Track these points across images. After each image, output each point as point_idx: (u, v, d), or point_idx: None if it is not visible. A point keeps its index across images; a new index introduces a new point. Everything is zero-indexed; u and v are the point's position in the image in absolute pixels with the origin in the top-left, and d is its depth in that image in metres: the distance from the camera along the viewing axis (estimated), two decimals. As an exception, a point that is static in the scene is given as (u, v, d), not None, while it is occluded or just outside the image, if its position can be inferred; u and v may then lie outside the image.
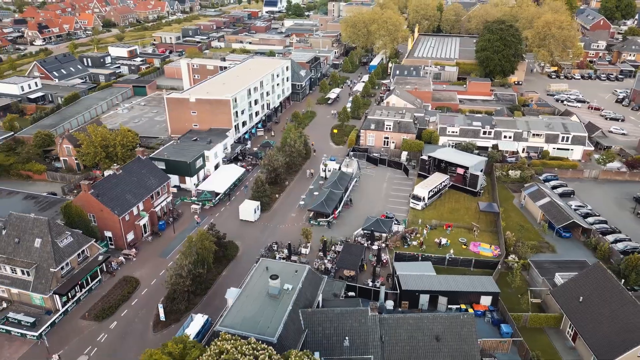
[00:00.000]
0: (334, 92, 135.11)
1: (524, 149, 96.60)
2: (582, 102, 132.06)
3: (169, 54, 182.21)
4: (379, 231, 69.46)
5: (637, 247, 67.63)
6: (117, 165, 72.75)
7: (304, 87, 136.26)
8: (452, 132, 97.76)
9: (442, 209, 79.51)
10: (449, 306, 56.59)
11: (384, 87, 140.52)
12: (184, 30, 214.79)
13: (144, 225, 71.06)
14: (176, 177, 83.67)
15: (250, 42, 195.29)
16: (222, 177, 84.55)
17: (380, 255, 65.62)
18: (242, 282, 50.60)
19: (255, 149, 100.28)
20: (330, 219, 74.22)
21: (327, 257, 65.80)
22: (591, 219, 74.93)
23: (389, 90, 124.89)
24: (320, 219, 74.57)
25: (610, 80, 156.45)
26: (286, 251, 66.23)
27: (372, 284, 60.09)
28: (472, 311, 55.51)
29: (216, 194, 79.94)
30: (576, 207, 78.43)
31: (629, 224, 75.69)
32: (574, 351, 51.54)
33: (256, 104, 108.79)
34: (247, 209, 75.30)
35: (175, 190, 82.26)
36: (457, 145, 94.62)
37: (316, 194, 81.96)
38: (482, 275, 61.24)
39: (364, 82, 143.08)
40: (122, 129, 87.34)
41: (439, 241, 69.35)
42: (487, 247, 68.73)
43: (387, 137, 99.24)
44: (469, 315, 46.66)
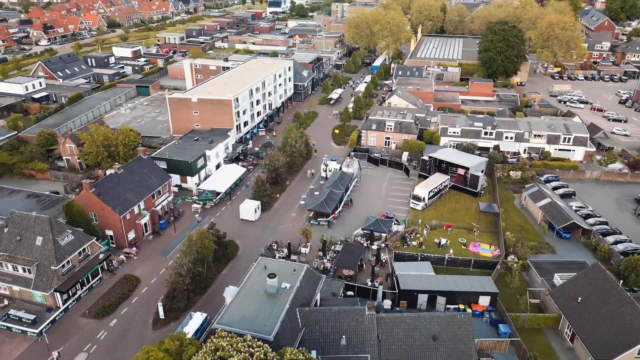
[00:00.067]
0: (336, 93, 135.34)
1: (525, 150, 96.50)
2: (585, 103, 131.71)
3: (173, 55, 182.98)
4: (379, 231, 69.60)
5: (637, 248, 67.48)
6: (118, 164, 73.17)
7: (306, 88, 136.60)
8: (454, 133, 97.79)
9: (442, 209, 79.56)
10: (448, 306, 56.69)
11: (386, 88, 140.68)
12: (188, 30, 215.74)
13: (145, 224, 71.49)
14: (177, 177, 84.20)
15: (253, 43, 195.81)
16: (223, 177, 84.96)
17: (379, 255, 65.78)
18: (241, 281, 50.86)
19: (256, 149, 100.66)
20: (330, 218, 74.44)
21: (327, 257, 66.01)
22: (592, 220, 74.83)
23: (391, 90, 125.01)
24: (320, 219, 74.79)
25: (613, 81, 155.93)
26: (286, 250, 66.50)
27: (370, 283, 60.25)
28: (470, 311, 55.64)
29: (217, 193, 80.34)
30: (577, 208, 78.30)
31: (629, 225, 75.51)
32: (572, 352, 51.52)
33: (258, 104, 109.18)
34: (247, 209, 75.62)
35: (176, 189, 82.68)
36: (458, 145, 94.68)
37: (317, 193, 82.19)
38: (481, 275, 61.29)
39: (366, 82, 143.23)
40: (124, 129, 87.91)
41: (439, 241, 69.42)
42: (487, 247, 68.74)
43: (388, 138, 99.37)
44: (466, 314, 46.73)
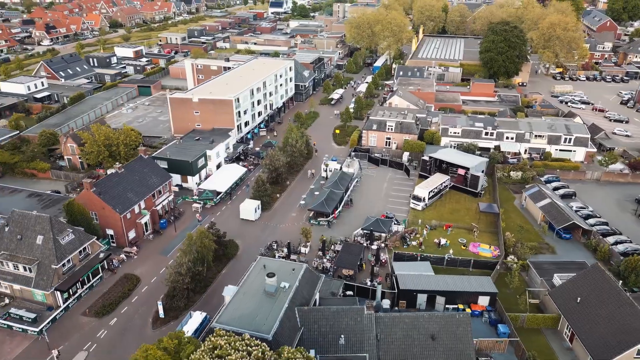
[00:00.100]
0: (337, 93, 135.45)
1: (526, 150, 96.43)
2: (587, 103, 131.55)
3: (175, 55, 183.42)
4: (379, 231, 69.67)
5: (637, 248, 67.38)
6: (119, 164, 73.44)
7: (308, 88, 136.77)
8: (454, 133, 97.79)
9: (442, 209, 79.59)
10: (447, 306, 56.73)
11: (387, 88, 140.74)
12: (190, 31, 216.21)
13: (146, 223, 71.73)
14: (178, 176, 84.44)
15: (255, 43, 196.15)
16: (223, 177, 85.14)
17: (379, 255, 65.85)
18: (240, 280, 51.00)
19: (257, 149, 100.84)
20: (330, 218, 74.54)
21: (327, 257, 66.11)
22: (592, 221, 74.75)
23: (392, 91, 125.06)
24: (320, 219, 74.90)
25: (615, 81, 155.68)
26: (285, 250, 66.62)
27: (370, 283, 60.32)
28: (469, 311, 55.69)
29: (217, 193, 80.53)
30: (577, 208, 78.23)
31: (630, 226, 75.41)
32: (571, 352, 51.51)
33: (259, 104, 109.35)
34: (247, 208, 75.77)
35: (176, 189, 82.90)
36: (458, 146, 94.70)
37: (317, 193, 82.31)
38: (481, 275, 61.29)
39: (367, 83, 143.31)
40: (126, 129, 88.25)
41: (438, 241, 69.45)
42: (487, 247, 68.75)
43: (389, 138, 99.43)
44: (464, 314, 46.76)
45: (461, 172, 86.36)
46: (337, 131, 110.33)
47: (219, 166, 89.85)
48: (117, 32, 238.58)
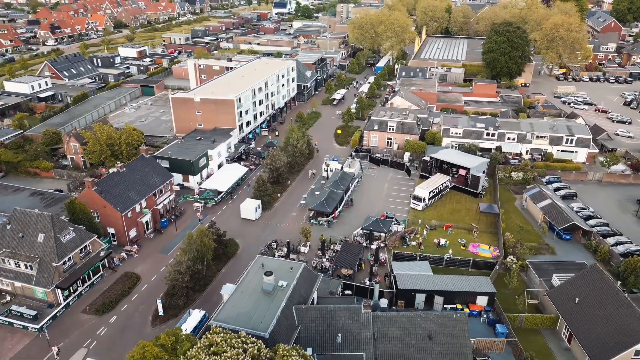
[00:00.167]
0: (339, 93, 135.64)
1: (527, 151, 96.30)
2: (590, 104, 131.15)
3: (178, 55, 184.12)
4: (378, 231, 69.81)
5: (638, 250, 67.20)
6: (120, 163, 73.91)
7: (310, 88, 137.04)
8: (456, 134, 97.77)
9: (442, 209, 79.62)
10: (445, 306, 56.79)
11: (389, 89, 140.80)
12: (193, 31, 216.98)
13: (146, 222, 72.17)
14: (180, 176, 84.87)
15: (258, 43, 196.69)
16: (224, 176, 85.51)
17: (378, 254, 65.98)
18: (239, 279, 51.27)
19: (258, 149, 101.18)
20: (330, 218, 74.73)
21: (326, 256, 66.30)
22: (593, 222, 74.59)
23: (394, 91, 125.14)
24: (320, 218, 75.12)
25: (619, 82, 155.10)
26: (285, 249, 66.85)
27: (369, 283, 60.47)
28: (467, 311, 55.79)
29: (218, 192, 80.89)
30: (578, 209, 78.08)
31: (631, 227, 75.21)
32: (569, 352, 51.48)
33: (261, 104, 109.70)
34: (248, 208, 76.08)
35: (178, 188, 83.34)
36: (460, 146, 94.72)
37: (317, 193, 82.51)
38: (480, 276, 61.30)
39: (370, 83, 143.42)
40: (128, 128, 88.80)
41: (438, 242, 69.52)
42: (486, 248, 68.74)
43: (390, 138, 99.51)
44: (461, 314, 46.85)
45: (462, 172, 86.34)
46: (339, 131, 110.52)
47: (220, 166, 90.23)
48: (122, 33, 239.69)
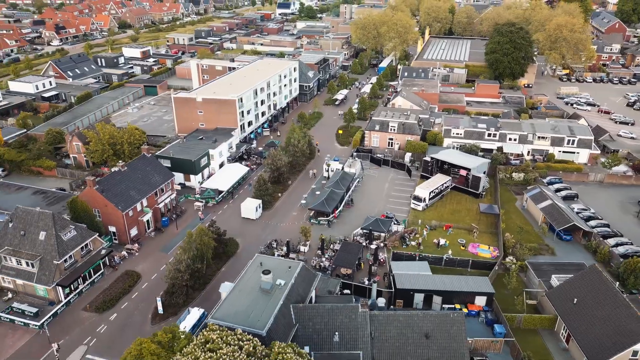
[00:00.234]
0: (342, 94, 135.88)
1: (529, 152, 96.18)
2: (593, 105, 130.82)
3: (182, 55, 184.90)
4: (378, 231, 69.94)
5: (638, 251, 67.02)
6: (122, 162, 74.39)
7: (312, 88, 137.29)
8: (457, 134, 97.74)
9: (443, 210, 79.66)
10: (444, 305, 56.86)
11: (391, 89, 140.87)
12: (197, 31, 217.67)
13: (147, 221, 72.60)
14: (181, 175, 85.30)
15: (261, 44, 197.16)
16: (226, 176, 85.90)
17: (377, 254, 66.11)
18: (237, 277, 51.53)
19: (260, 149, 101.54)
20: (330, 218, 74.93)
21: (325, 255, 66.50)
22: (593, 222, 74.45)
23: (397, 92, 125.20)
24: (320, 218, 75.34)
25: (622, 83, 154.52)
26: (285, 249, 67.10)
27: (367, 282, 60.62)
28: (466, 311, 55.88)
29: (219, 191, 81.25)
30: (579, 210, 77.94)
31: (632, 228, 75.01)
32: (567, 353, 51.45)
33: (262, 105, 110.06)
34: (248, 207, 76.39)
35: (179, 187, 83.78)
36: (461, 147, 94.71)
37: (318, 193, 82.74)
38: (479, 276, 61.31)
39: (372, 83, 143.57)
40: (130, 128, 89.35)
41: (438, 242, 69.57)
42: (486, 248, 68.73)
43: (391, 139, 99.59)
44: (459, 313, 46.92)
45: (463, 173, 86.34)
46: (340, 131, 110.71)
47: (221, 165, 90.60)
48: (126, 33, 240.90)
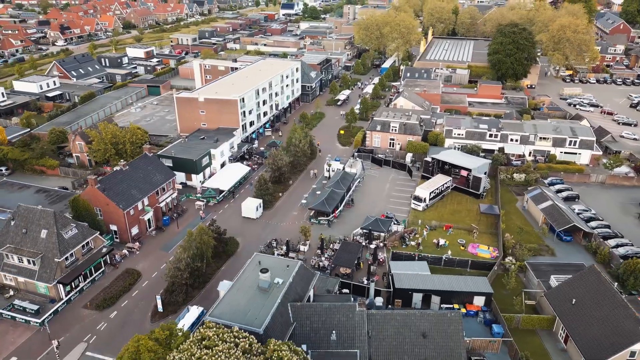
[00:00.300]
0: (344, 94, 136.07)
1: (530, 153, 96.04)
2: (596, 106, 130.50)
3: (185, 55, 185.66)
4: (378, 230, 70.07)
5: (638, 252, 66.84)
6: (123, 161, 74.87)
7: (314, 89, 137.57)
8: (458, 135, 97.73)
9: (443, 210, 79.70)
10: (442, 305, 56.91)
11: (393, 89, 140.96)
12: (201, 32, 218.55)
13: (149, 220, 73.02)
14: (183, 174, 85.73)
15: (265, 44, 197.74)
16: (227, 175, 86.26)
17: (376, 254, 66.24)
18: (236, 276, 51.81)
19: (261, 149, 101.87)
20: (330, 217, 75.12)
21: (325, 255, 66.68)
22: (594, 223, 74.30)
23: (399, 92, 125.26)
24: (320, 218, 75.55)
25: (626, 84, 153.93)
26: (285, 248, 67.33)
27: (366, 282, 60.76)
28: (464, 311, 55.94)
29: (220, 191, 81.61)
30: (580, 211, 77.80)
31: (633, 229, 74.79)
32: (565, 353, 51.40)
33: (264, 105, 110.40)
34: (249, 207, 76.69)
35: (180, 187, 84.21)
36: (462, 147, 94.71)
37: (318, 193, 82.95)
38: (478, 276, 61.30)
39: (374, 84, 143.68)
40: (132, 127, 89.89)
41: (437, 242, 69.62)
42: (486, 248, 68.71)
43: (392, 139, 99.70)
44: (456, 313, 47.00)
45: (463, 173, 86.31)
46: (342, 132, 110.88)
47: (223, 165, 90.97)
48: (130, 33, 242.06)
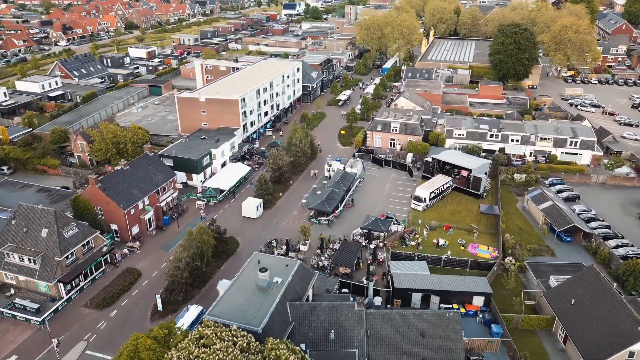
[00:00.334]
0: (345, 94, 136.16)
1: (531, 153, 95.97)
2: (597, 107, 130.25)
3: (187, 55, 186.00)
4: (377, 230, 70.15)
5: (638, 252, 66.73)
6: (124, 160, 75.13)
7: (315, 89, 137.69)
8: (459, 135, 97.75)
9: (443, 210, 79.72)
10: (441, 305, 56.95)
11: (395, 90, 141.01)
12: (202, 32, 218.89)
13: (149, 219, 73.23)
14: (183, 174, 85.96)
15: (266, 44, 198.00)
16: (227, 175, 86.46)
17: (376, 254, 66.32)
18: (235, 275, 51.95)
19: (262, 149, 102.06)
20: (330, 217, 75.23)
21: (325, 255, 66.79)
22: (594, 224, 74.23)
23: (400, 92, 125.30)
24: (320, 217, 75.66)
25: (628, 85, 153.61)
26: (284, 248, 67.46)
27: (366, 281, 60.85)
28: (463, 311, 55.98)
29: (221, 191, 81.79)
30: (580, 211, 77.73)
31: (633, 230, 74.68)
32: (564, 353, 51.39)
33: (265, 105, 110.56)
34: (249, 206, 76.85)
35: (181, 186, 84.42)
36: (463, 148, 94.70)
37: (319, 193, 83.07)
38: (478, 276, 61.30)
39: (375, 84, 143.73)
40: (133, 127, 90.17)
41: (437, 242, 69.65)
42: (485, 249, 68.71)
43: (393, 139, 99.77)
44: (454, 312, 47.06)
45: (464, 173, 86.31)
46: (343, 132, 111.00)
47: (223, 165, 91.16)
48: (132, 33, 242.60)
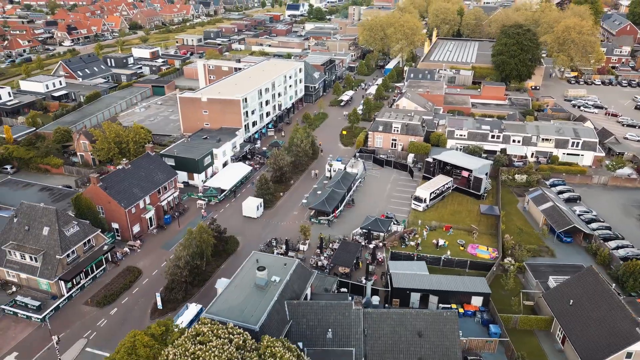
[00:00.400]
0: (347, 95, 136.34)
1: (532, 154, 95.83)
2: (600, 108, 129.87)
3: (190, 56, 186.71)
4: (377, 230, 70.29)
5: (639, 254, 66.56)
6: (126, 160, 75.60)
7: (317, 89, 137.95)
8: (460, 135, 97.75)
9: (443, 210, 79.75)
10: (440, 305, 57.01)
11: (397, 90, 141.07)
12: (206, 32, 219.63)
13: (150, 218, 73.65)
14: (185, 174, 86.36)
15: (269, 45, 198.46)
16: (229, 175, 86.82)
17: (375, 253, 66.45)
18: (234, 274, 52.23)
19: (264, 149, 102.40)
20: (330, 217, 75.42)
21: (324, 254, 66.98)
22: (595, 225, 74.07)
23: (402, 93, 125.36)
24: (320, 217, 75.86)
25: (631, 86, 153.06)
26: (284, 247, 67.69)
27: (365, 281, 60.97)
28: (462, 311, 56.04)
29: (222, 190, 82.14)
30: (581, 212, 77.59)
31: (634, 231, 74.47)
32: (562, 354, 51.36)
33: (267, 105, 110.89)
34: (250, 206, 77.16)
35: (182, 185, 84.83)
36: (464, 148, 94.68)
37: (319, 193, 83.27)
38: (477, 276, 61.33)
39: (378, 85, 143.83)
40: (135, 126, 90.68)
41: (437, 242, 69.70)
42: (485, 249, 68.71)
43: (394, 139, 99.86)
44: (452, 312, 47.14)
45: (465, 174, 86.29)
46: (344, 132, 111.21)
47: (225, 164, 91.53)
48: (136, 34, 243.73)
